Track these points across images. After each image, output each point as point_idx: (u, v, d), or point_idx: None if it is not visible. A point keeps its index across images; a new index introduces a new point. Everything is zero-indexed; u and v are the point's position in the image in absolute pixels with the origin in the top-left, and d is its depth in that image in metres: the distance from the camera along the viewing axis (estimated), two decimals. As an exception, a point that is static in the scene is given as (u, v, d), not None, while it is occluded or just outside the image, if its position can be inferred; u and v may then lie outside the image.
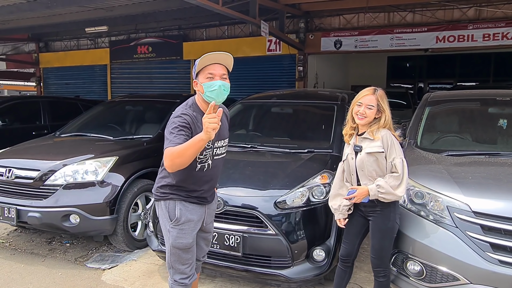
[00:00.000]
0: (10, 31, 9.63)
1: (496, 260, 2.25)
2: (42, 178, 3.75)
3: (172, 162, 2.01)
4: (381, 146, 2.44)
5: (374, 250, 2.56)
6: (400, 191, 2.42)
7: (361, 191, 2.44)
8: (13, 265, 3.71)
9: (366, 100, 2.48)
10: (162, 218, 2.33)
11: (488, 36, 7.10)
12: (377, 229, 2.52)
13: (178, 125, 2.09)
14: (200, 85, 2.17)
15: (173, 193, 2.26)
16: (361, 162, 2.49)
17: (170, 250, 2.30)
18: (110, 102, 6.05)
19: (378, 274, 2.59)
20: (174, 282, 2.35)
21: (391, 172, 2.45)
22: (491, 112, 3.79)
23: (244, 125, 4.53)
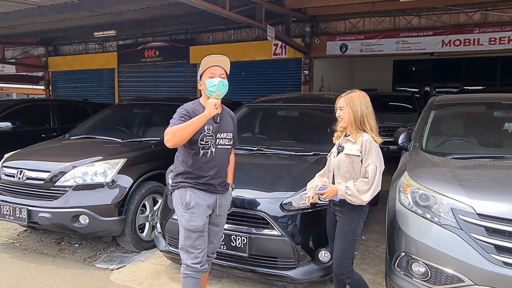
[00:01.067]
0: (20, 36, 9.80)
1: (500, 262, 2.26)
2: (53, 179, 3.82)
3: (173, 136, 2.33)
4: (359, 150, 2.52)
5: (335, 250, 2.60)
6: (366, 197, 2.46)
7: (331, 189, 2.55)
8: (24, 264, 3.78)
9: (339, 103, 2.65)
10: (176, 206, 2.57)
11: (494, 40, 7.11)
12: (340, 229, 2.60)
13: (180, 113, 2.47)
14: (203, 83, 2.53)
15: (184, 181, 2.53)
16: (338, 161, 2.59)
17: (184, 233, 2.51)
18: (118, 105, 6.13)
19: (342, 277, 2.63)
20: (186, 267, 2.52)
21: (364, 177, 2.51)
22: (497, 116, 3.80)
23: (251, 128, 4.59)
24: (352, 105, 2.58)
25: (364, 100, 2.61)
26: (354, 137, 2.57)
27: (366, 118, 2.58)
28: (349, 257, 2.60)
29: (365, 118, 2.58)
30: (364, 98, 2.62)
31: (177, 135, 2.33)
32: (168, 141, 2.36)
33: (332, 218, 2.71)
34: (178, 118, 2.43)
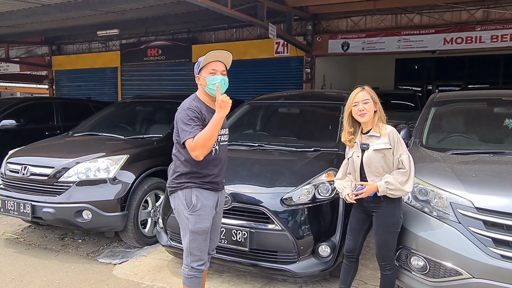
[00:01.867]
0: (25, 35, 9.87)
1: (498, 255, 2.29)
2: (56, 175, 3.87)
3: (203, 148, 2.28)
4: (388, 142, 2.51)
5: (378, 245, 2.62)
6: (408, 187, 2.48)
7: (370, 188, 2.49)
8: (28, 259, 3.83)
9: (360, 97, 2.58)
10: (179, 207, 2.46)
11: (496, 37, 7.09)
12: (381, 224, 2.57)
13: (193, 117, 2.35)
14: (204, 79, 2.44)
15: (188, 181, 2.43)
16: (368, 159, 2.54)
17: (189, 236, 2.44)
18: (121, 103, 6.18)
19: (384, 268, 2.64)
20: (191, 269, 2.48)
21: (398, 168, 2.51)
22: (497, 112, 3.81)
23: (252, 125, 4.62)
24: (375, 97, 2.58)
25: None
26: (378, 130, 2.55)
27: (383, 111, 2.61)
28: (392, 249, 2.61)
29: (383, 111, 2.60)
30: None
31: (207, 146, 2.28)
32: (200, 155, 2.29)
33: (361, 217, 2.67)
34: (194, 124, 2.32)
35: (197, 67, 2.48)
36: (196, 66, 2.49)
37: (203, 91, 2.49)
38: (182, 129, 2.35)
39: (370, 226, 2.68)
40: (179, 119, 2.40)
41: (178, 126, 2.41)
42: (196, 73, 2.49)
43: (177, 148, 2.48)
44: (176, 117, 2.44)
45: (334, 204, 3.16)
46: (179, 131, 2.40)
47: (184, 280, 2.51)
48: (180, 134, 2.37)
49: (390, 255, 2.62)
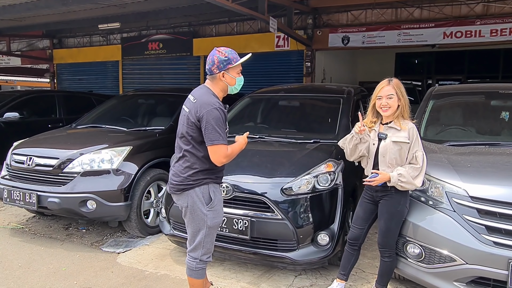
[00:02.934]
0: (26, 28, 9.89)
1: (491, 241, 2.37)
2: (61, 166, 3.95)
3: (230, 159, 2.43)
4: (407, 137, 2.58)
5: (380, 230, 2.71)
6: (419, 181, 2.56)
7: (383, 177, 2.57)
8: (34, 247, 3.92)
9: (385, 92, 2.63)
10: (195, 204, 2.43)
11: (495, 31, 7.12)
12: (385, 211, 2.66)
13: (224, 120, 2.39)
14: (233, 79, 2.48)
15: (206, 177, 2.44)
16: (384, 149, 2.62)
17: (206, 231, 2.47)
18: (123, 96, 6.25)
19: (383, 254, 2.73)
20: (199, 262, 2.52)
21: (410, 163, 2.59)
22: (494, 105, 3.88)
23: (253, 118, 4.69)
24: (401, 93, 2.62)
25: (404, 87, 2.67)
26: (399, 124, 2.61)
27: (408, 106, 2.67)
28: (394, 236, 2.69)
29: (408, 106, 2.66)
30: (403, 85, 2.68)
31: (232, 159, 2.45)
32: (225, 163, 2.42)
33: (369, 207, 2.76)
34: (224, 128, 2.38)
35: (224, 63, 2.40)
36: (224, 62, 2.40)
37: (221, 88, 2.48)
38: (214, 130, 2.30)
39: (375, 217, 2.77)
40: (210, 118, 2.30)
41: (206, 124, 2.31)
42: (222, 70, 2.42)
43: (192, 144, 2.41)
44: (203, 114, 2.32)
45: (333, 194, 3.25)
46: (207, 130, 2.32)
47: (190, 273, 2.54)
48: (211, 134, 2.31)
49: (391, 242, 2.70)
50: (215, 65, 2.42)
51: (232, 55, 2.45)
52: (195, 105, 2.40)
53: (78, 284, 3.16)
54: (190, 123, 2.40)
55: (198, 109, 2.36)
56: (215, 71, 2.43)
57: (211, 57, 2.45)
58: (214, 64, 2.42)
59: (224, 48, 2.47)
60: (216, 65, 2.42)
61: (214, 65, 2.42)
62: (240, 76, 2.52)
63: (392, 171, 2.58)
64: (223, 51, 2.44)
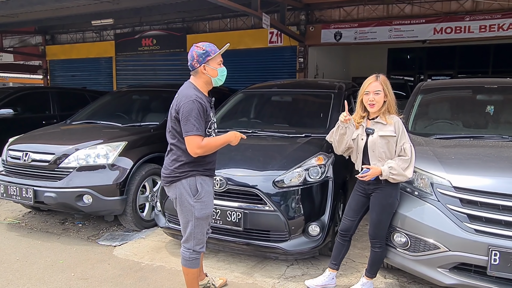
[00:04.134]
0: (18, 24, 9.84)
1: (472, 229, 2.48)
2: (57, 161, 4.01)
3: (207, 152, 2.46)
4: (393, 130, 2.67)
5: (372, 222, 2.80)
6: (409, 173, 2.65)
7: (374, 171, 2.65)
8: (31, 241, 3.99)
9: (372, 87, 2.71)
10: (182, 196, 2.51)
11: (484, 27, 7.26)
12: (377, 203, 2.75)
13: (201, 112, 2.42)
14: (214, 70, 2.52)
15: (193, 169, 2.51)
16: (373, 143, 2.70)
17: (194, 222, 2.55)
18: (118, 92, 6.29)
19: (374, 245, 2.84)
20: (192, 252, 2.60)
21: (399, 155, 2.68)
22: (479, 99, 4.00)
23: (246, 113, 4.77)
24: (388, 89, 2.70)
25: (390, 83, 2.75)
26: (384, 119, 2.70)
27: (394, 101, 2.75)
28: (385, 228, 2.78)
29: (394, 102, 2.74)
30: (389, 81, 2.76)
31: (208, 152, 2.48)
32: (199, 154, 2.42)
33: (360, 200, 2.85)
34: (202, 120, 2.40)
35: (203, 56, 2.47)
36: (203, 55, 2.47)
37: (205, 81, 2.54)
38: (189, 122, 2.36)
39: (366, 210, 2.87)
40: (185, 110, 2.37)
41: (182, 117, 2.39)
42: (202, 63, 2.48)
43: (177, 138, 2.49)
44: (181, 106, 2.40)
45: (324, 186, 3.35)
46: (183, 122, 2.39)
47: (185, 263, 2.62)
48: (186, 126, 2.38)
49: (382, 234, 2.80)
50: (195, 60, 2.50)
51: (210, 48, 2.51)
52: (176, 99, 2.50)
53: (75, 276, 3.23)
54: (173, 118, 2.49)
55: (178, 102, 2.47)
56: (196, 65, 2.51)
57: (191, 52, 2.52)
58: (194, 59, 2.50)
59: (202, 43, 2.55)
60: (196, 59, 2.50)
61: (194, 59, 2.50)
62: (222, 67, 2.56)
63: (383, 164, 2.66)
64: (201, 45, 2.52)
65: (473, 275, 2.51)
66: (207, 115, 2.50)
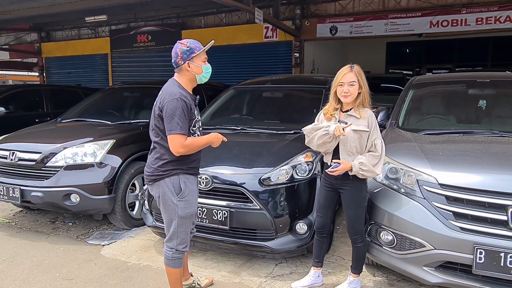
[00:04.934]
0: (12, 21, 9.78)
1: (458, 227, 2.43)
2: (44, 160, 3.97)
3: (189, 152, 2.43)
4: (367, 125, 2.61)
5: (350, 220, 2.76)
6: (378, 169, 2.61)
7: (345, 166, 2.59)
8: (19, 241, 3.96)
9: (347, 78, 2.62)
10: (166, 194, 2.48)
11: (481, 20, 7.17)
12: (351, 200, 2.71)
13: (185, 110, 2.38)
14: (199, 67, 2.50)
15: (176, 168, 2.47)
16: (345, 137, 2.62)
17: (178, 221, 2.50)
18: (109, 89, 6.24)
19: (355, 241, 2.79)
20: (175, 251, 2.56)
21: (369, 150, 2.63)
22: (471, 94, 3.93)
23: (236, 109, 4.72)
24: (362, 81, 2.62)
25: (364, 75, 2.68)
26: (358, 112, 2.62)
27: (368, 94, 2.67)
28: (363, 223, 2.76)
29: (368, 94, 2.67)
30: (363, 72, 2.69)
31: (192, 152, 2.44)
32: (182, 153, 2.38)
33: (330, 195, 2.79)
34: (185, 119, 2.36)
35: (188, 53, 2.44)
36: (187, 52, 2.44)
37: (189, 78, 2.51)
38: (173, 120, 2.33)
39: (337, 203, 2.82)
40: (169, 108, 2.34)
41: (166, 115, 2.35)
42: (186, 60, 2.45)
43: (161, 136, 2.45)
44: (164, 105, 2.37)
45: (311, 184, 3.30)
46: (166, 120, 2.36)
47: (167, 262, 2.59)
48: (170, 124, 2.34)
49: (361, 229, 2.77)
50: (179, 57, 2.47)
51: (194, 44, 2.48)
52: (160, 97, 2.47)
53: (60, 276, 3.21)
54: (156, 115, 2.46)
55: (161, 100, 2.43)
56: (180, 62, 2.47)
57: (174, 49, 2.49)
58: (178, 56, 2.47)
59: (186, 40, 2.52)
60: (180, 57, 2.46)
61: (178, 57, 2.47)
62: (206, 64, 2.53)
63: (353, 159, 2.61)
64: (185, 42, 2.49)
65: (459, 273, 2.46)
66: (191, 113, 2.46)
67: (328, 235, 2.93)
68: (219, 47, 9.35)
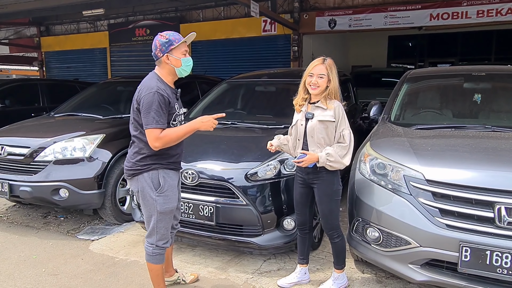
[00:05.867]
0: (10, 15, 9.73)
1: (443, 224, 2.37)
2: (33, 154, 3.95)
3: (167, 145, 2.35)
4: (333, 116, 2.57)
5: (324, 215, 2.71)
6: (347, 160, 2.57)
7: (311, 157, 2.55)
8: (8, 236, 3.95)
9: (317, 70, 2.60)
10: (145, 190, 2.45)
11: (482, 12, 7.03)
12: (323, 194, 2.67)
13: (162, 104, 2.32)
14: (178, 60, 2.42)
15: (155, 162, 2.43)
16: (311, 128, 2.61)
17: (157, 217, 2.47)
18: (103, 83, 6.20)
19: (332, 236, 2.76)
20: (156, 247, 2.53)
21: (338, 142, 2.59)
22: (466, 87, 3.84)
23: (228, 103, 4.66)
24: (332, 74, 2.60)
25: (336, 69, 2.65)
26: (325, 103, 2.59)
27: (337, 88, 2.64)
28: (337, 217, 2.72)
29: (337, 89, 2.63)
30: (335, 66, 2.66)
31: (170, 144, 2.36)
32: (159, 147, 2.33)
33: (304, 191, 2.76)
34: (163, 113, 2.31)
35: (166, 45, 2.39)
36: (166, 44, 2.39)
37: (168, 71, 2.46)
38: (149, 114, 2.29)
39: (313, 198, 2.77)
40: (146, 102, 2.30)
41: (143, 109, 2.32)
42: (165, 52, 2.40)
43: (139, 130, 2.42)
44: (141, 98, 2.34)
45: (300, 179, 3.24)
46: (143, 115, 2.32)
47: (148, 258, 2.56)
48: (146, 118, 2.31)
49: (336, 223, 2.73)
50: (158, 49, 2.42)
51: (174, 36, 2.42)
52: (138, 90, 2.42)
53: (46, 272, 3.19)
54: (135, 109, 2.41)
55: (139, 94, 2.38)
56: (159, 54, 2.42)
57: (154, 41, 2.44)
58: (157, 48, 2.42)
59: (166, 32, 2.47)
60: (158, 49, 2.41)
61: (157, 49, 2.42)
62: (187, 57, 2.46)
63: (322, 151, 2.57)
64: (164, 34, 2.44)
65: (444, 271, 2.40)
66: (170, 107, 2.41)
67: (311, 231, 2.89)
68: (218, 40, 9.30)
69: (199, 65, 8.74)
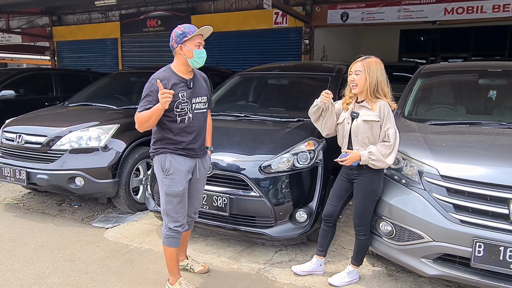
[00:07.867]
0: (23, 5, 9.82)
1: (457, 219, 2.39)
2: (49, 143, 4.02)
3: (140, 126, 2.47)
4: (377, 115, 2.58)
5: (356, 210, 2.74)
6: (390, 160, 2.57)
7: (353, 156, 2.59)
8: (25, 222, 4.05)
9: (354, 67, 2.63)
10: (157, 172, 2.61)
11: (498, 7, 6.92)
12: (360, 190, 2.69)
13: (149, 92, 2.44)
14: (190, 51, 2.48)
15: (163, 147, 2.56)
16: (356, 128, 2.62)
17: (164, 198, 2.59)
18: (117, 73, 6.25)
19: (359, 233, 2.78)
20: (168, 229, 2.62)
21: (383, 141, 2.59)
22: (482, 83, 3.82)
23: (241, 96, 4.69)
24: (369, 71, 2.59)
25: (380, 67, 2.63)
26: (370, 103, 2.60)
27: (381, 85, 2.61)
28: (369, 216, 2.73)
29: (379, 85, 2.61)
30: (380, 64, 2.65)
31: (143, 126, 2.44)
32: (139, 129, 2.47)
33: (344, 185, 2.79)
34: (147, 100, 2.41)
35: (181, 37, 2.46)
36: (180, 36, 2.46)
37: (181, 62, 2.52)
38: (141, 101, 2.47)
39: (350, 195, 2.80)
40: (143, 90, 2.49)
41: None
42: (179, 43, 2.47)
43: None
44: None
45: (313, 172, 3.28)
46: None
47: (163, 240, 2.66)
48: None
49: (366, 221, 2.74)
50: (174, 40, 2.51)
51: (188, 29, 2.49)
52: None
53: (63, 257, 3.27)
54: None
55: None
56: (174, 45, 2.52)
57: (172, 33, 2.52)
58: (173, 39, 2.51)
59: (184, 24, 2.54)
60: (174, 40, 2.51)
61: (173, 40, 2.52)
62: (200, 49, 2.51)
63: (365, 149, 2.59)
64: (181, 26, 2.51)
65: (457, 266, 2.43)
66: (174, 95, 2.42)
67: (334, 226, 2.91)
68: (229, 32, 9.28)
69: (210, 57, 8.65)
